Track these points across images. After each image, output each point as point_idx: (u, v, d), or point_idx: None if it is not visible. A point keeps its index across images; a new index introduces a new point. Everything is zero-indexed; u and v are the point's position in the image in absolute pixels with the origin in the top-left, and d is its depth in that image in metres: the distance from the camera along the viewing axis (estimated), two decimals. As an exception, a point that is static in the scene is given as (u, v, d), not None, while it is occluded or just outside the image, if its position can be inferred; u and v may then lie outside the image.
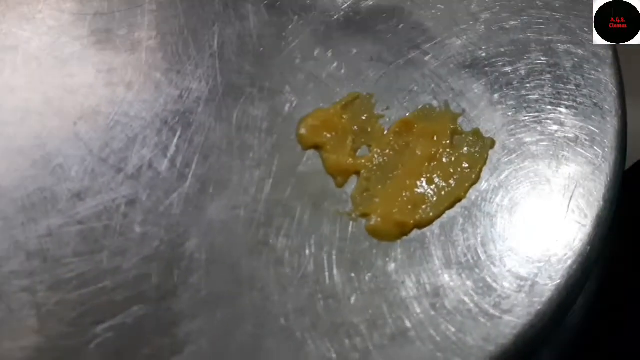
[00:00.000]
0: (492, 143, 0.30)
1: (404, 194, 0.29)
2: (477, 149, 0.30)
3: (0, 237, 0.25)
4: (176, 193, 0.27)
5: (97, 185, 0.27)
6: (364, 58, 0.31)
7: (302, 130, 0.29)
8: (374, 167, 0.29)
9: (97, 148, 0.27)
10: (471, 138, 0.30)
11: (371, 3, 0.33)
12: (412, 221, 0.28)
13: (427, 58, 0.32)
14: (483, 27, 0.32)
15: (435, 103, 0.31)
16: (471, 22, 0.32)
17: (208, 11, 0.31)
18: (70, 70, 0.29)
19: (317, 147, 0.29)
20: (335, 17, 0.32)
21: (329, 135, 0.29)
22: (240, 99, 0.29)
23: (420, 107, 0.31)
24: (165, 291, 0.25)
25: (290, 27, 0.31)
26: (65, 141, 0.27)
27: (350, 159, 0.29)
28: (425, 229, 0.28)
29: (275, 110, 0.29)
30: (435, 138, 0.30)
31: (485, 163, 0.30)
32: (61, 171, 0.27)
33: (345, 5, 0.32)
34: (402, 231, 0.28)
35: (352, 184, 0.29)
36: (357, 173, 0.29)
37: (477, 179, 0.30)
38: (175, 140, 0.28)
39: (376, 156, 0.29)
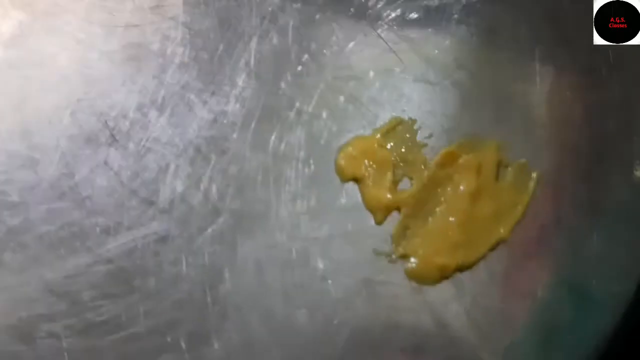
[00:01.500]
0: (540, 177, 0.26)
1: (445, 234, 0.24)
2: (523, 183, 0.26)
3: (28, 276, 0.22)
4: (210, 229, 0.23)
5: (127, 219, 0.23)
6: (407, 78, 0.26)
7: (341, 161, 0.25)
8: (416, 204, 0.25)
9: (127, 178, 0.23)
10: (517, 170, 0.26)
11: (416, 15, 0.27)
12: (454, 264, 0.24)
13: (474, 80, 0.27)
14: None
15: (480, 130, 0.26)
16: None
17: (245, 24, 0.26)
18: (101, 89, 0.24)
19: (355, 180, 0.25)
20: (378, 30, 0.27)
21: (369, 168, 0.25)
22: (277, 123, 0.25)
23: (464, 135, 0.26)
24: (197, 339, 0.22)
25: (331, 42, 0.26)
26: (95, 170, 0.23)
27: (390, 195, 0.25)
28: (466, 272, 0.24)
29: (313, 137, 0.25)
30: (479, 171, 0.25)
31: (530, 198, 0.25)
32: (90, 204, 0.23)
33: (390, 17, 0.27)
34: (442, 274, 0.24)
35: (393, 219, 0.25)
36: (398, 209, 0.25)
37: (522, 215, 0.25)
38: (208, 171, 0.24)
39: (417, 191, 0.25)
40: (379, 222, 0.24)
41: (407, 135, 0.26)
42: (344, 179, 0.25)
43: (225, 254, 0.23)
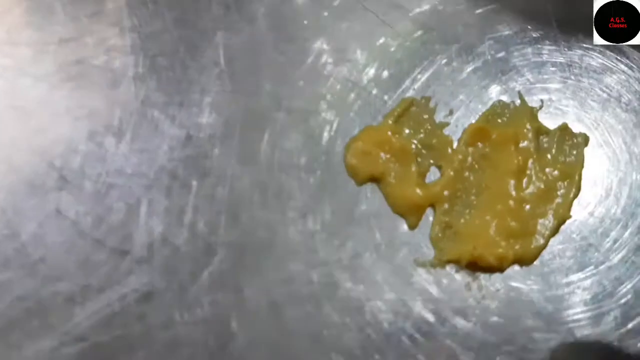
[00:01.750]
0: (586, 139, 0.21)
1: (494, 225, 0.19)
2: (570, 150, 0.21)
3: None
4: (205, 273, 0.18)
5: (96, 279, 0.17)
6: (407, 52, 0.22)
7: (352, 160, 0.20)
8: (452, 195, 0.20)
9: (88, 226, 0.18)
10: (560, 137, 0.21)
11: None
12: (511, 254, 0.19)
13: (486, 39, 0.22)
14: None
15: (506, 98, 0.21)
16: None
17: (205, 18, 0.21)
18: (39, 122, 0.19)
19: (374, 180, 0.20)
20: (364, 3, 0.22)
21: (387, 162, 0.20)
22: (266, 128, 0.20)
23: (490, 105, 0.21)
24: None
25: (312, 23, 0.21)
26: (45, 223, 0.18)
27: (419, 190, 0.20)
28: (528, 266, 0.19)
29: (312, 138, 0.20)
30: (517, 144, 0.21)
31: (583, 166, 0.21)
32: (45, 267, 0.17)
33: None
34: (500, 269, 0.19)
35: (429, 218, 0.20)
36: (432, 206, 0.20)
37: (579, 189, 0.21)
38: (191, 200, 0.19)
39: (450, 180, 0.20)
40: (412, 226, 0.20)
41: (424, 117, 0.21)
42: (360, 180, 0.20)
43: (230, 301, 0.18)
